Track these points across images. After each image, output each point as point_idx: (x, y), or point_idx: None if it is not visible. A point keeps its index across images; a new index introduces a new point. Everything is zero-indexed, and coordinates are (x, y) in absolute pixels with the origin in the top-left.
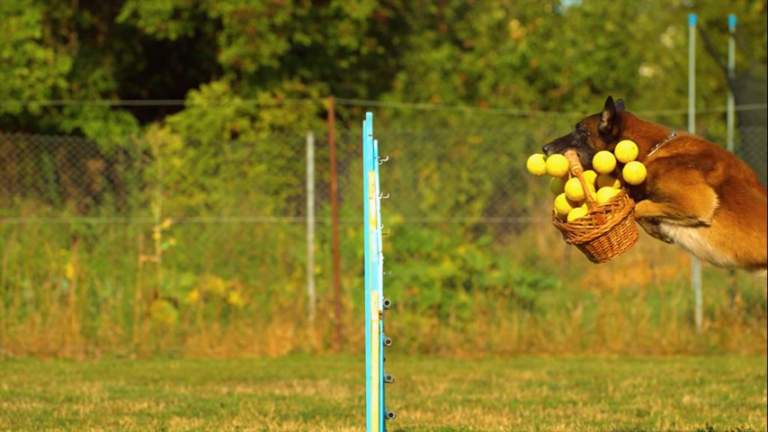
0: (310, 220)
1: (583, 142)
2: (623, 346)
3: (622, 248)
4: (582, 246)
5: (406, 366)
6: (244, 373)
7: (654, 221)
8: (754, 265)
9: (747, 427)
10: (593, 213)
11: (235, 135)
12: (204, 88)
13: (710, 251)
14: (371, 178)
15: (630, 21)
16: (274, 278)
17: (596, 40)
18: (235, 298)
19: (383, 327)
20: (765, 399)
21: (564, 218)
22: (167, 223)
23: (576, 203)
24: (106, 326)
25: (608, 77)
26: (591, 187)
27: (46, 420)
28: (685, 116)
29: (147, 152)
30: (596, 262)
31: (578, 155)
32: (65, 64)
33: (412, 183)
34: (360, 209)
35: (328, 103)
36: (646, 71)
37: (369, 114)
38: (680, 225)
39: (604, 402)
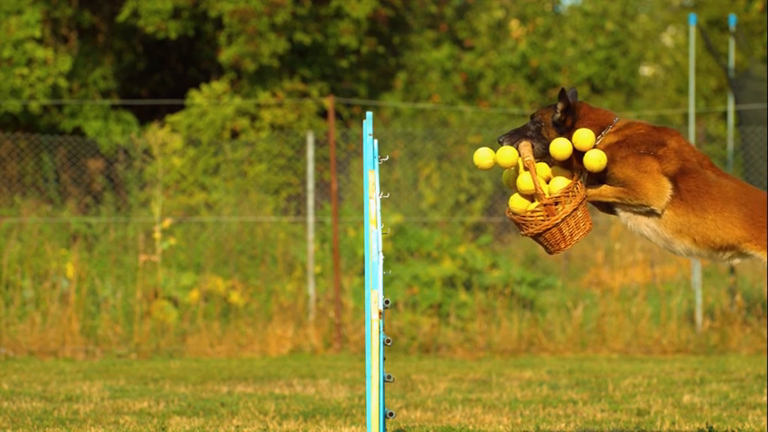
0: (310, 219)
1: (537, 133)
2: (623, 345)
3: (575, 239)
4: (536, 237)
5: (406, 366)
6: (244, 373)
7: (609, 207)
8: (713, 248)
9: (747, 426)
10: (544, 205)
11: (235, 134)
12: (204, 88)
13: (668, 239)
14: (371, 177)
15: (630, 20)
16: (274, 277)
17: (596, 40)
18: (235, 297)
19: (383, 326)
20: (765, 398)
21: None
22: (167, 223)
23: (528, 197)
24: (106, 325)
25: (608, 77)
26: (541, 179)
27: (46, 420)
28: (685, 115)
29: (147, 151)
30: (551, 253)
31: (533, 145)
32: (65, 63)
33: (412, 182)
34: (360, 208)
35: (328, 103)
36: (646, 70)
37: (369, 114)
38: (632, 212)
39: (604, 402)
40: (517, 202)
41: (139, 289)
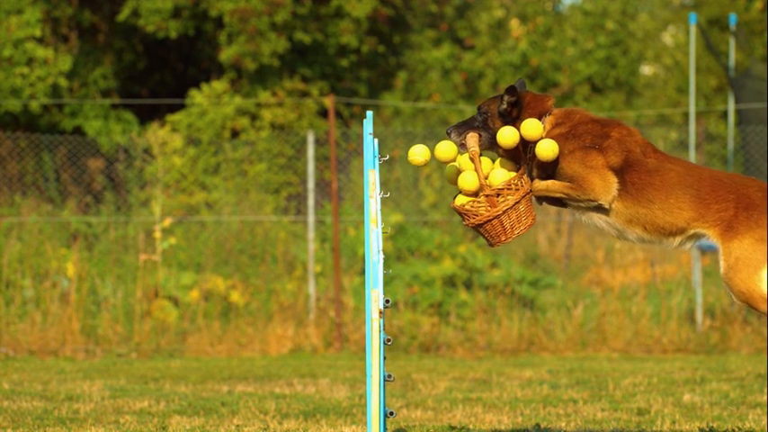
0: (311, 218)
1: (484, 124)
2: (624, 344)
3: (516, 233)
4: (477, 228)
5: (406, 365)
6: (244, 372)
7: (560, 202)
8: (664, 234)
9: (748, 425)
10: (486, 196)
11: (235, 134)
12: (205, 87)
13: (621, 229)
14: (372, 177)
15: (631, 19)
16: (275, 277)
17: (597, 39)
18: (235, 297)
19: (383, 325)
20: (766, 397)
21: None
22: (168, 222)
23: (470, 195)
24: (107, 324)
25: (608, 76)
26: (485, 170)
27: (46, 419)
28: (686, 115)
29: (147, 151)
30: (491, 245)
31: (480, 136)
32: (65, 63)
33: (412, 181)
34: (360, 207)
35: (329, 102)
36: (646, 70)
37: (369, 113)
38: (581, 207)
39: (605, 401)
40: (466, 185)
41: (140, 288)
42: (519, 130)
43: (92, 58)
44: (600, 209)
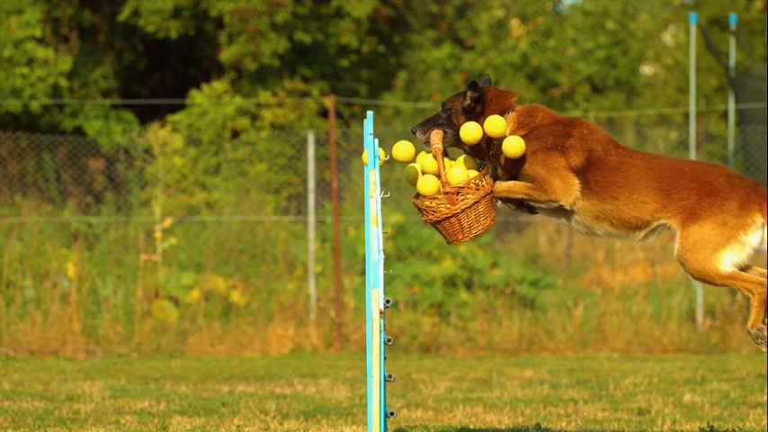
0: (311, 218)
1: (448, 120)
2: (624, 344)
3: (473, 232)
4: (435, 225)
5: (406, 365)
6: (245, 372)
7: (528, 207)
8: (631, 228)
9: (748, 425)
10: (446, 194)
11: (235, 134)
12: (205, 87)
13: (589, 225)
14: (372, 177)
15: (631, 19)
16: (275, 277)
17: (597, 39)
18: (236, 297)
19: (384, 325)
20: (766, 397)
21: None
22: (168, 222)
23: (428, 198)
24: (107, 325)
25: (609, 76)
26: (447, 168)
27: (47, 419)
28: (686, 114)
29: (147, 151)
30: (449, 243)
31: (445, 132)
32: (65, 63)
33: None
34: (360, 207)
35: (329, 102)
36: (646, 69)
37: (369, 113)
38: (542, 208)
39: (605, 401)
40: (425, 189)
41: (140, 288)
42: (483, 126)
43: (92, 59)
44: (562, 210)
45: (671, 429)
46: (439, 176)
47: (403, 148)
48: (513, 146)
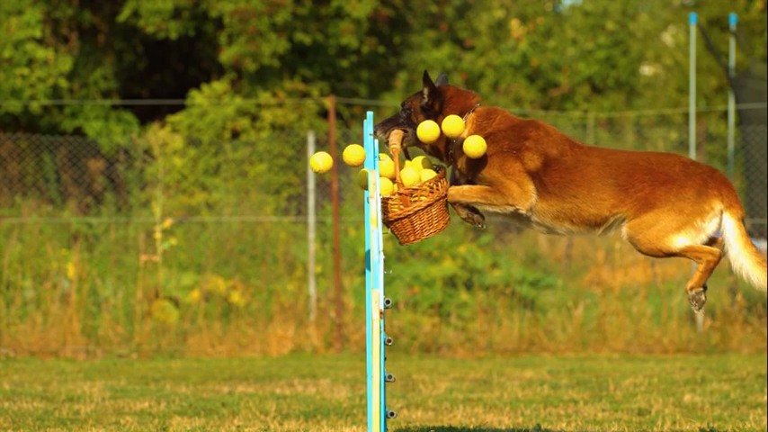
0: (311, 219)
1: (408, 120)
2: (624, 344)
3: (425, 234)
4: (387, 225)
5: (407, 365)
6: (245, 373)
7: (474, 211)
8: (591, 225)
9: (748, 425)
10: (399, 195)
11: (235, 134)
12: (205, 88)
13: (549, 225)
14: (372, 177)
15: (631, 19)
16: (275, 277)
17: (597, 39)
18: (236, 297)
19: (384, 326)
20: (766, 397)
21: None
22: (168, 223)
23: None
24: (107, 325)
25: (609, 76)
26: (401, 168)
27: (47, 420)
28: (686, 115)
29: (147, 152)
30: (401, 244)
31: (406, 131)
32: (65, 63)
33: None
34: (360, 208)
35: (329, 103)
36: (646, 70)
37: (369, 113)
38: (498, 212)
39: (605, 401)
40: (381, 190)
41: (140, 289)
42: (440, 125)
43: (92, 59)
44: (517, 215)
45: (671, 430)
46: (394, 178)
47: (353, 152)
48: (474, 145)
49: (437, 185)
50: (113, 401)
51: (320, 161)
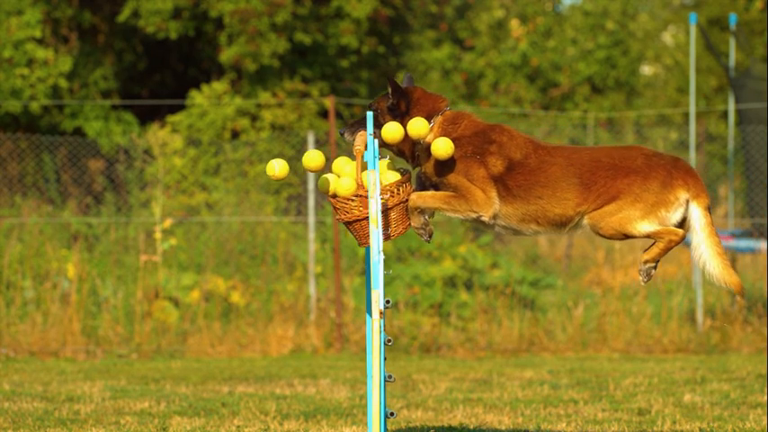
0: (311, 219)
1: (375, 121)
2: (624, 344)
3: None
4: (347, 225)
5: (407, 365)
6: (245, 373)
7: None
8: (557, 225)
9: (748, 425)
10: (359, 196)
11: (235, 134)
12: (205, 88)
13: (516, 227)
14: (372, 177)
15: (631, 19)
16: (275, 277)
17: (597, 39)
18: (236, 297)
19: (384, 326)
20: (766, 397)
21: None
22: (168, 223)
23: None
24: (107, 325)
25: (608, 76)
26: (363, 170)
27: (47, 420)
28: (686, 115)
29: (147, 152)
30: (359, 245)
31: (373, 134)
32: (65, 63)
33: None
34: None
35: (329, 103)
36: (646, 70)
37: (369, 113)
38: (461, 218)
39: (605, 401)
40: (342, 190)
41: (140, 289)
42: (406, 128)
43: (92, 59)
44: (479, 221)
45: (671, 430)
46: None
47: (312, 157)
48: (442, 147)
49: (399, 189)
50: (113, 401)
51: (277, 167)
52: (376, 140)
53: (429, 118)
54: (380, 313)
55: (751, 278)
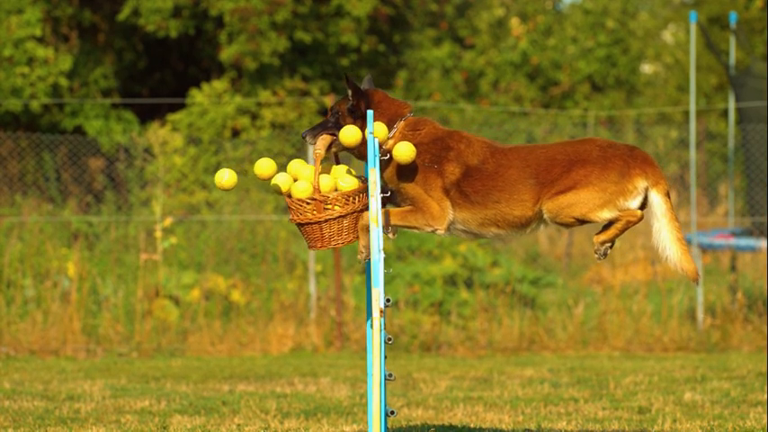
0: None
1: (336, 124)
2: (624, 343)
3: (332, 243)
4: (298, 226)
5: (407, 364)
6: (245, 371)
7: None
8: (517, 227)
9: (749, 424)
10: (314, 200)
11: (236, 133)
12: (205, 86)
13: (477, 232)
14: (373, 176)
15: (631, 18)
16: (275, 276)
17: (597, 38)
18: (236, 296)
19: (384, 324)
20: (766, 396)
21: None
22: (168, 221)
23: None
24: (107, 324)
25: (609, 74)
26: (320, 175)
27: (47, 419)
28: (686, 113)
29: (148, 150)
30: (309, 248)
31: (334, 136)
32: (66, 62)
33: None
34: None
35: (329, 101)
36: (646, 68)
37: (370, 112)
38: (416, 231)
39: (606, 400)
40: (296, 192)
41: (140, 288)
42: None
43: (92, 58)
44: (435, 233)
45: (671, 428)
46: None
47: (264, 165)
48: (403, 152)
49: (354, 198)
50: (114, 400)
51: (225, 176)
52: (377, 139)
53: (391, 123)
54: (381, 312)
55: (751, 276)
